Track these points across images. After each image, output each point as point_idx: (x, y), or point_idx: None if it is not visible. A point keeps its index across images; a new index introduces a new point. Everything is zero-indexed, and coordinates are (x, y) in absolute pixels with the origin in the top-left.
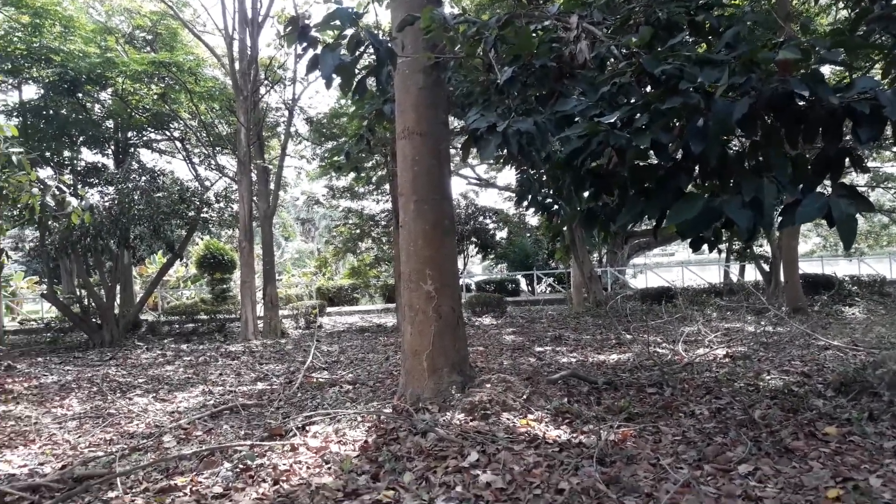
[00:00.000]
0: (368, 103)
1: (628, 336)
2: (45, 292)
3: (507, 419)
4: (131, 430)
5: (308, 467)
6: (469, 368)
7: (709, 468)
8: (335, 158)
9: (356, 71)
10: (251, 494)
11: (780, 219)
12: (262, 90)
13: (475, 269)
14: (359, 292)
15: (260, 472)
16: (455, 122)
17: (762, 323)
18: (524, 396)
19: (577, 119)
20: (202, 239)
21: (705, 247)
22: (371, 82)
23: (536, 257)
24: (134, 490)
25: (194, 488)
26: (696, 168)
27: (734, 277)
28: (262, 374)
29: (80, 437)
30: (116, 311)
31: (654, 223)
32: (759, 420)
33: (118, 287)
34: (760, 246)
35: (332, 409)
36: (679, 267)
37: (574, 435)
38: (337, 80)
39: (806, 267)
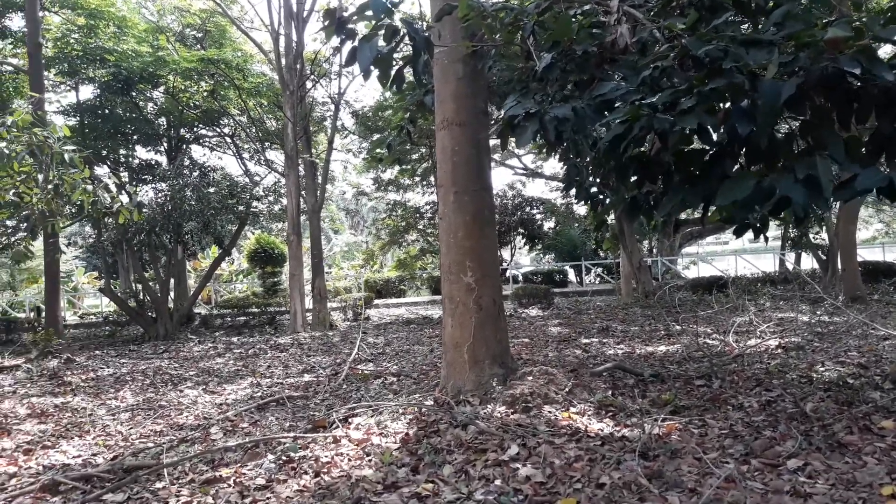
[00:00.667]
0: (409, 94)
1: (677, 327)
2: (102, 287)
3: (549, 412)
4: (181, 422)
5: (349, 459)
6: (511, 360)
7: (756, 463)
8: (377, 151)
9: (394, 62)
10: (293, 486)
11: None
12: (308, 85)
13: (523, 260)
14: (405, 284)
15: (302, 464)
16: (495, 112)
17: (817, 313)
18: (566, 389)
19: (617, 104)
20: (253, 233)
21: (761, 236)
22: (409, 73)
23: (584, 247)
24: (180, 481)
25: (238, 479)
26: (742, 152)
27: (790, 266)
28: (309, 366)
29: (131, 428)
30: (171, 305)
31: (702, 210)
32: (811, 413)
33: (172, 281)
34: (817, 234)
35: (374, 402)
36: (733, 256)
37: (617, 428)
38: (375, 72)
39: (865, 254)
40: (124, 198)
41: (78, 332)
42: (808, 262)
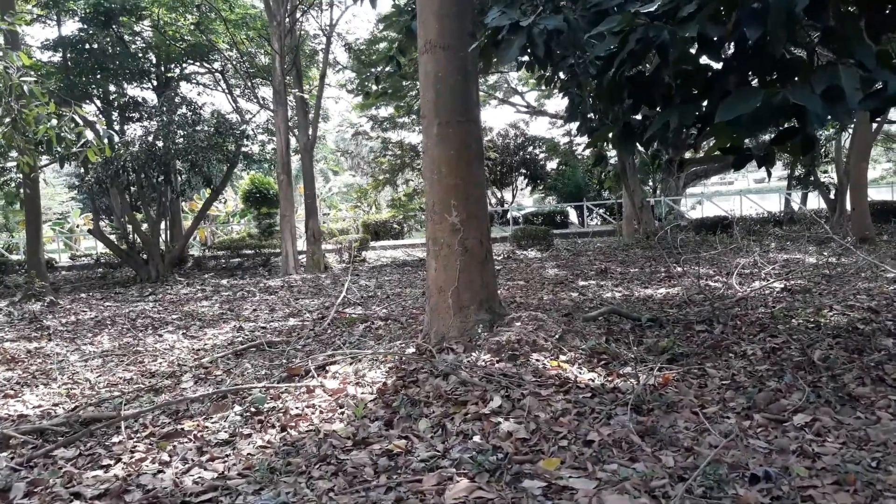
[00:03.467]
0: (396, 20)
1: (678, 269)
2: (91, 228)
3: (537, 360)
4: (153, 369)
5: (321, 411)
6: (499, 306)
7: (759, 418)
8: (366, 84)
9: None
10: (256, 442)
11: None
12: (298, 15)
13: (525, 201)
14: (403, 225)
15: (270, 417)
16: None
17: (825, 254)
18: (557, 335)
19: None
20: (247, 173)
21: (765, 174)
22: None
23: (588, 188)
24: (139, 435)
25: (199, 434)
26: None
27: (796, 206)
28: (297, 309)
29: (100, 375)
30: (163, 246)
31: (697, 131)
32: (819, 362)
33: (166, 223)
34: (825, 172)
35: (352, 350)
36: (738, 196)
37: (609, 378)
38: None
39: (873, 194)
40: (89, 133)
41: (71, 274)
42: (815, 202)
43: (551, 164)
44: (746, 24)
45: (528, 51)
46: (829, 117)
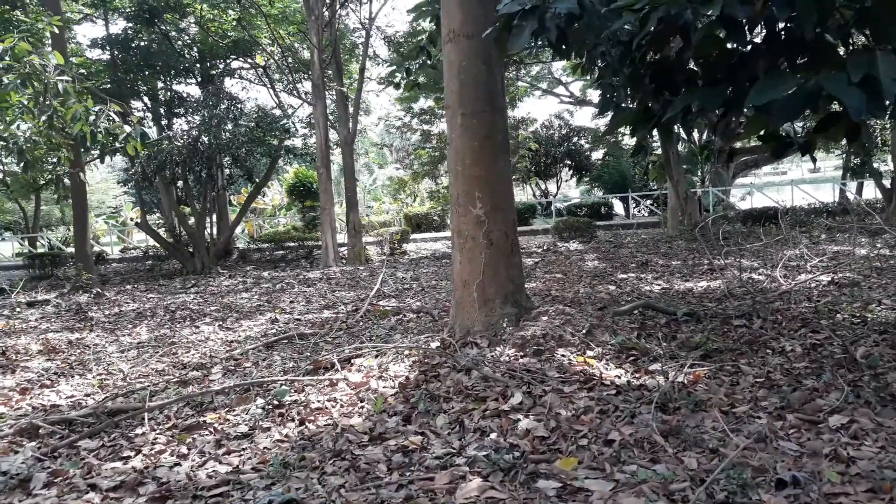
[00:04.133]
0: (427, 9)
1: (721, 261)
2: (138, 221)
3: (563, 356)
4: (185, 360)
5: (342, 405)
6: (525, 299)
7: (792, 418)
8: (397, 75)
9: None
10: (274, 435)
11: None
12: (337, 9)
13: (571, 192)
14: (445, 216)
15: (291, 411)
16: None
17: (877, 245)
18: (585, 330)
19: None
20: (292, 167)
21: (821, 164)
22: None
23: (633, 179)
24: (162, 426)
25: (220, 426)
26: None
27: (850, 196)
28: (332, 301)
29: (134, 366)
30: (208, 239)
31: (720, 115)
32: (862, 360)
33: (213, 216)
34: (883, 161)
35: (376, 343)
36: (790, 186)
37: (636, 375)
38: None
39: None
40: (126, 128)
41: (121, 266)
42: (872, 192)
43: (596, 155)
44: (776, 4)
45: (541, 36)
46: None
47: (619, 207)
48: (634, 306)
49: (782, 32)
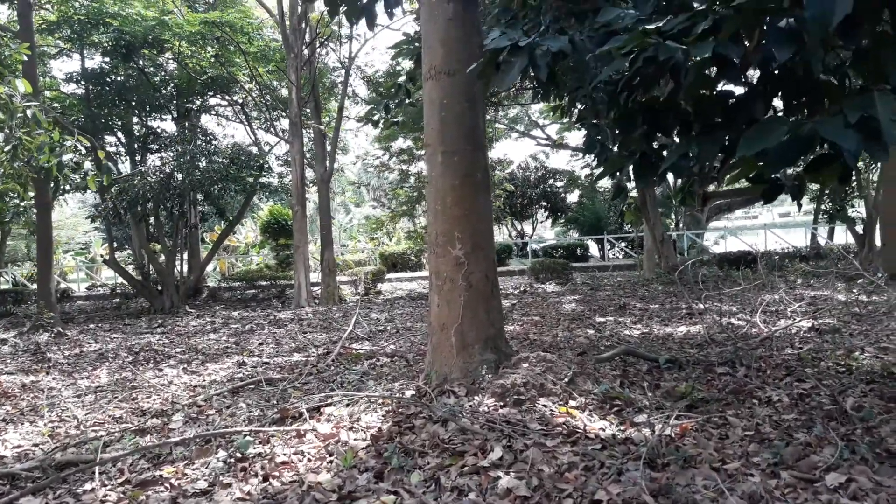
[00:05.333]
0: (407, 48)
1: (700, 306)
2: (106, 258)
3: (544, 406)
4: (145, 407)
5: (309, 459)
6: (505, 345)
7: (787, 476)
8: (375, 113)
9: None
10: (235, 493)
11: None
12: (317, 47)
13: (546, 233)
14: (422, 256)
15: (255, 464)
16: None
17: (854, 291)
18: (567, 378)
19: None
20: (267, 204)
21: (791, 208)
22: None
23: (608, 221)
24: (114, 481)
25: (177, 482)
26: (778, 94)
27: (822, 241)
28: (303, 343)
29: (90, 413)
30: (178, 277)
31: (720, 164)
32: (852, 412)
33: (184, 253)
34: (853, 207)
35: (346, 392)
36: (763, 230)
37: (622, 428)
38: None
39: None
40: (88, 164)
41: (87, 304)
42: (842, 237)
43: (572, 197)
44: (775, 44)
45: (531, 74)
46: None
47: (594, 249)
48: (616, 353)
49: (776, 72)
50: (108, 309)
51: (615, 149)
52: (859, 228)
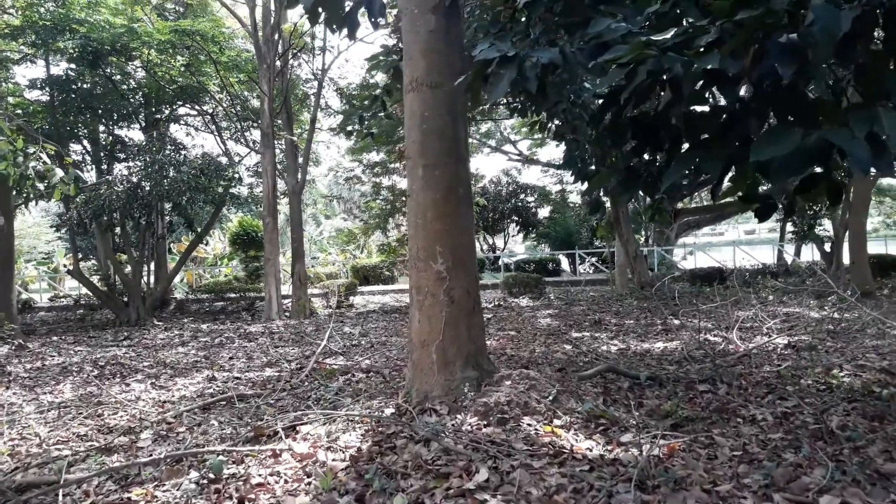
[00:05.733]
0: (382, 61)
1: (676, 321)
2: (70, 268)
3: (529, 425)
4: (112, 423)
5: (285, 481)
6: (487, 362)
7: (780, 499)
8: (350, 126)
9: (345, 2)
10: None
11: None
12: (289, 59)
13: (517, 248)
14: (394, 270)
15: (228, 486)
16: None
17: (826, 308)
18: (550, 396)
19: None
20: (236, 215)
21: (757, 226)
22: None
23: (579, 236)
24: None
25: None
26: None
27: (789, 258)
28: (275, 358)
29: (53, 430)
30: (145, 288)
31: (717, 181)
32: (838, 431)
33: (151, 264)
34: (820, 225)
35: (322, 411)
36: (730, 247)
37: (609, 448)
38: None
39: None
40: (59, 172)
41: (50, 315)
42: (808, 255)
43: (543, 212)
44: (778, 59)
45: (520, 86)
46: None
47: (565, 264)
48: (598, 370)
49: (771, 88)
50: (72, 320)
51: (593, 165)
52: (827, 246)
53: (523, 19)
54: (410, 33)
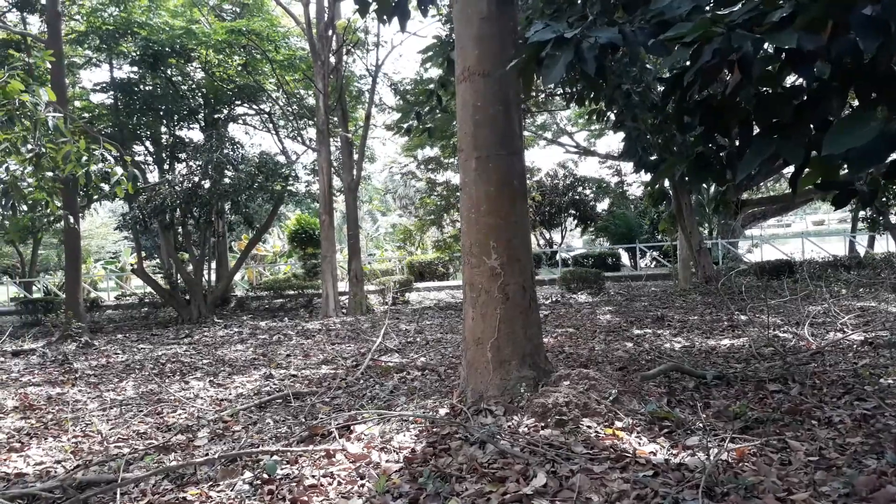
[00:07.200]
0: (436, 52)
1: (743, 317)
2: (135, 267)
3: (588, 427)
4: (171, 421)
5: (339, 482)
6: (544, 361)
7: None
8: (408, 121)
9: None
10: None
11: None
12: (343, 55)
13: (575, 242)
14: (449, 266)
15: (282, 487)
16: None
17: None
18: (611, 397)
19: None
20: (295, 213)
21: (825, 216)
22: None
23: (640, 229)
24: (136, 503)
25: None
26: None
27: (861, 249)
28: (332, 355)
29: (114, 427)
30: (206, 286)
31: (793, 171)
32: None
33: (212, 263)
34: (895, 214)
35: (380, 408)
36: (797, 238)
37: (674, 451)
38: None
39: None
40: (118, 170)
41: (116, 313)
42: (882, 246)
43: (601, 205)
44: (860, 33)
45: (577, 70)
46: None
47: (625, 258)
48: (663, 369)
49: (850, 65)
50: (137, 318)
51: (655, 154)
52: None
53: (578, 1)
54: (462, 21)
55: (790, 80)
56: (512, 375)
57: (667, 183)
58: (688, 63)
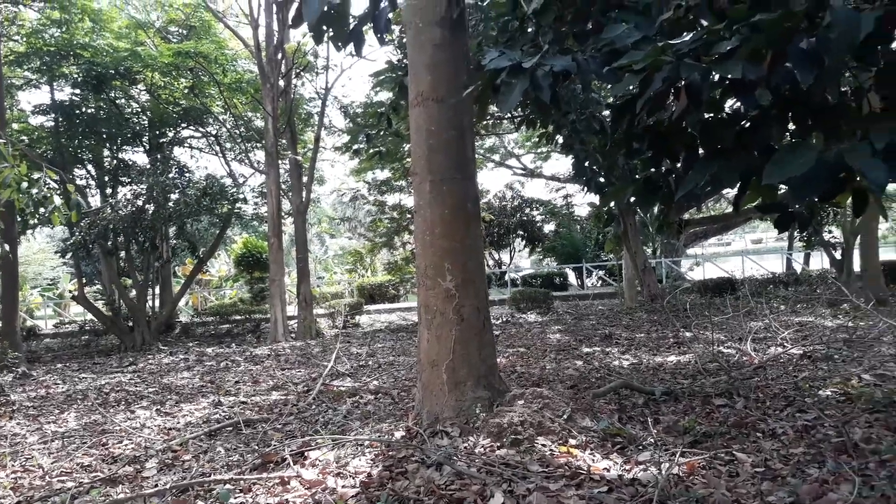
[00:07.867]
0: (388, 76)
1: (688, 334)
2: (74, 294)
3: (543, 446)
4: (116, 452)
5: None
6: (499, 381)
7: None
8: (358, 144)
9: (350, 17)
10: None
11: None
12: (293, 78)
13: (523, 262)
14: (399, 288)
15: None
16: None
17: (839, 317)
18: (565, 415)
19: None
20: (241, 236)
21: (763, 235)
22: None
23: (586, 249)
24: None
25: None
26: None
27: (798, 267)
28: (281, 381)
29: (57, 461)
30: (150, 313)
31: (738, 191)
32: (862, 444)
33: (155, 288)
34: (829, 231)
35: (334, 433)
36: (737, 257)
37: (627, 467)
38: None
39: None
40: (57, 199)
41: (55, 342)
42: (817, 263)
43: (549, 226)
44: (797, 64)
45: (532, 97)
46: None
47: (572, 277)
48: (613, 387)
49: (787, 94)
50: (77, 347)
51: (602, 177)
52: (837, 254)
53: (530, 29)
54: (415, 47)
55: (729, 103)
56: (467, 396)
57: (612, 204)
58: (636, 90)
